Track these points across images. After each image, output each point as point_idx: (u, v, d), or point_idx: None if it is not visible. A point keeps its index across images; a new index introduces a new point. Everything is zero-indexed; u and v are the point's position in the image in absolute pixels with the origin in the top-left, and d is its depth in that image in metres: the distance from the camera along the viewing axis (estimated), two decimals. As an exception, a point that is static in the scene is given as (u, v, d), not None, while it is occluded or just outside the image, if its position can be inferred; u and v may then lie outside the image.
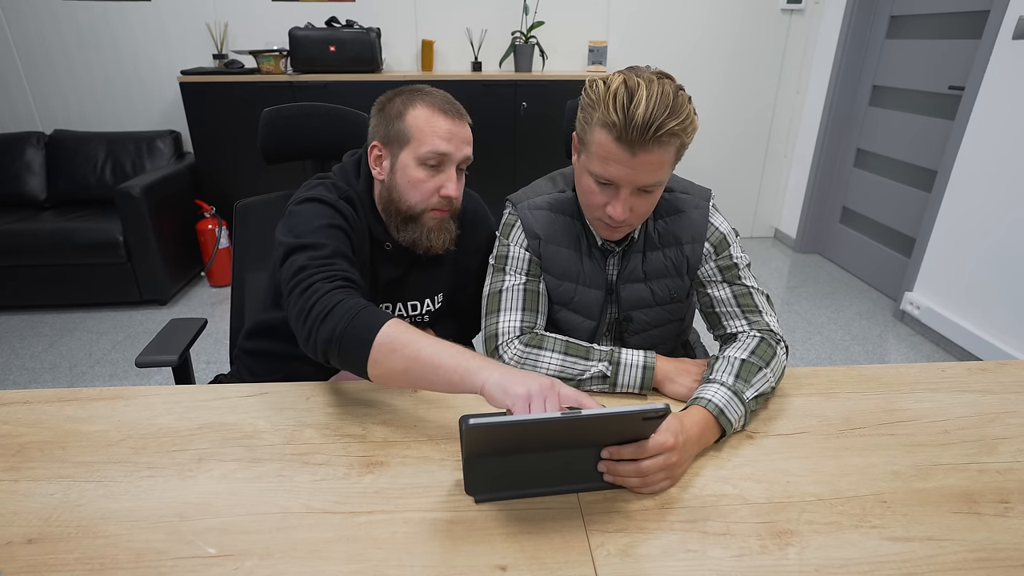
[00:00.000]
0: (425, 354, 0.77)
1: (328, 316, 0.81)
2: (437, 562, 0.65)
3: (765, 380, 0.91)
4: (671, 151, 0.87)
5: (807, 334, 2.73)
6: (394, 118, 1.01)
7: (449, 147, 0.99)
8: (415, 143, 0.99)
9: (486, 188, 3.80)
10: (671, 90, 0.84)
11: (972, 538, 0.69)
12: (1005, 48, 2.29)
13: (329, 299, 0.83)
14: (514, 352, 0.99)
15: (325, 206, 0.99)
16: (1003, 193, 2.31)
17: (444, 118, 0.99)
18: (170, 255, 2.91)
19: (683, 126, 0.85)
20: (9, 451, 0.82)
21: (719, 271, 1.06)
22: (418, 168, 1.00)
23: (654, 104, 0.82)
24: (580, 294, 1.09)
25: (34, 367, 2.40)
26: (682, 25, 3.42)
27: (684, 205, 1.07)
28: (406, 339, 0.78)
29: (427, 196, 1.01)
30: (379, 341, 0.78)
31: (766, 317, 1.02)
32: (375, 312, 0.82)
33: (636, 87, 0.84)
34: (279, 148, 1.27)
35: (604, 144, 0.87)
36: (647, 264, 1.07)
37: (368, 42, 3.00)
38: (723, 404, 0.85)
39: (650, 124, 0.82)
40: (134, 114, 3.33)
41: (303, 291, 0.85)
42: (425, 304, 1.17)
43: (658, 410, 0.66)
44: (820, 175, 3.52)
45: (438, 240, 1.05)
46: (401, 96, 1.02)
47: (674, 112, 0.83)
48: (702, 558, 0.66)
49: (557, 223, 1.08)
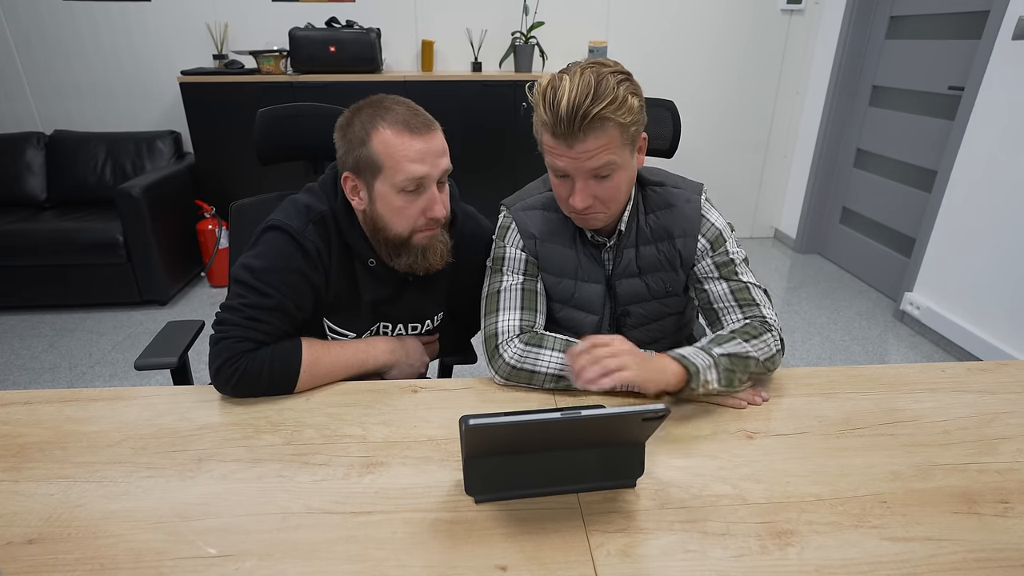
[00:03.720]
0: (338, 370, 1.01)
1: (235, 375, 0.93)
2: (437, 562, 0.65)
3: (738, 345, 0.94)
4: (609, 134, 0.89)
5: (807, 334, 2.73)
6: (358, 145, 0.94)
7: (424, 168, 0.94)
8: (388, 171, 0.93)
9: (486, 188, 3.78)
10: (593, 77, 0.87)
11: (972, 538, 0.69)
12: (1005, 48, 2.29)
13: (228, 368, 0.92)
14: (514, 351, 0.99)
15: (289, 240, 0.98)
16: (1003, 193, 2.31)
17: (411, 137, 0.93)
18: (170, 255, 2.91)
19: (610, 108, 0.86)
20: (9, 451, 0.82)
21: (715, 267, 1.07)
22: (398, 196, 0.95)
23: (575, 94, 0.86)
24: (580, 289, 1.09)
25: (34, 367, 2.40)
26: (682, 25, 3.42)
27: (675, 199, 1.07)
28: (314, 371, 0.98)
29: (413, 220, 0.98)
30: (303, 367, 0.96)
31: (763, 309, 1.02)
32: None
33: (560, 81, 0.88)
34: (274, 149, 1.27)
35: (547, 141, 0.92)
36: (640, 259, 1.08)
37: (368, 42, 3.00)
38: (686, 352, 0.91)
39: (574, 114, 0.86)
40: (134, 114, 3.33)
41: (216, 341, 0.93)
42: (425, 324, 1.17)
43: (658, 410, 0.66)
44: (820, 175, 3.52)
45: (434, 257, 1.03)
46: (360, 116, 0.95)
47: (597, 97, 0.86)
48: (702, 558, 0.66)
49: (551, 221, 1.08)
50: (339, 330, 1.10)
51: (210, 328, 0.96)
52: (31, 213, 2.96)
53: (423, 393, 0.98)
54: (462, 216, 1.13)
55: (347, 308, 1.08)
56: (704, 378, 0.89)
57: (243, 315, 0.94)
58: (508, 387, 1.00)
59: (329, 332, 1.10)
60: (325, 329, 1.09)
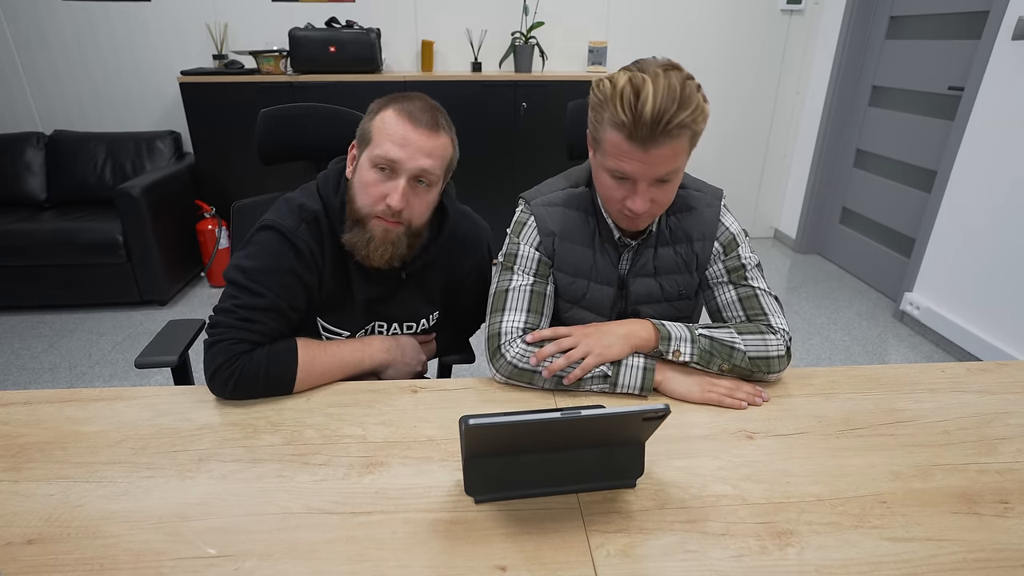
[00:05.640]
0: (334, 370, 1.01)
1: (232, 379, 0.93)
2: (437, 562, 0.65)
3: (728, 334, 0.97)
4: (683, 141, 0.88)
5: (807, 334, 2.73)
6: (369, 118, 1.00)
7: (400, 154, 0.94)
8: (373, 144, 0.97)
9: (486, 188, 3.76)
10: (678, 82, 0.84)
11: (972, 538, 0.69)
12: (1005, 48, 2.29)
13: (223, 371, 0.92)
14: (516, 351, 0.99)
15: (282, 240, 0.99)
16: (1003, 193, 2.31)
17: (407, 124, 0.95)
18: (170, 255, 2.91)
19: (693, 116, 0.85)
20: (9, 451, 0.82)
21: (726, 272, 1.06)
22: (371, 170, 0.97)
23: (661, 99, 0.82)
24: (592, 291, 1.09)
25: (34, 367, 2.40)
26: (682, 25, 3.42)
27: (696, 202, 1.07)
28: (311, 372, 0.98)
29: (373, 201, 0.97)
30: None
31: (771, 318, 1.02)
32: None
33: (642, 84, 0.83)
34: (276, 149, 1.27)
35: (616, 143, 0.88)
36: (658, 259, 1.07)
37: (368, 42, 3.00)
38: (666, 322, 0.98)
39: (659, 119, 0.83)
40: (134, 114, 3.33)
41: (210, 345, 0.93)
42: (420, 323, 1.17)
43: (658, 410, 0.66)
44: (820, 175, 3.52)
45: (376, 251, 1.00)
46: (388, 99, 1.00)
47: (683, 104, 0.83)
48: (702, 558, 0.66)
49: (571, 219, 1.07)
50: (333, 329, 1.10)
51: (204, 332, 0.96)
52: (31, 213, 2.96)
53: (423, 393, 0.98)
54: (455, 215, 1.12)
55: (341, 307, 1.08)
56: (675, 347, 0.95)
57: (237, 316, 0.94)
58: (508, 387, 1.00)
59: (323, 331, 1.10)
60: (319, 328, 1.09)
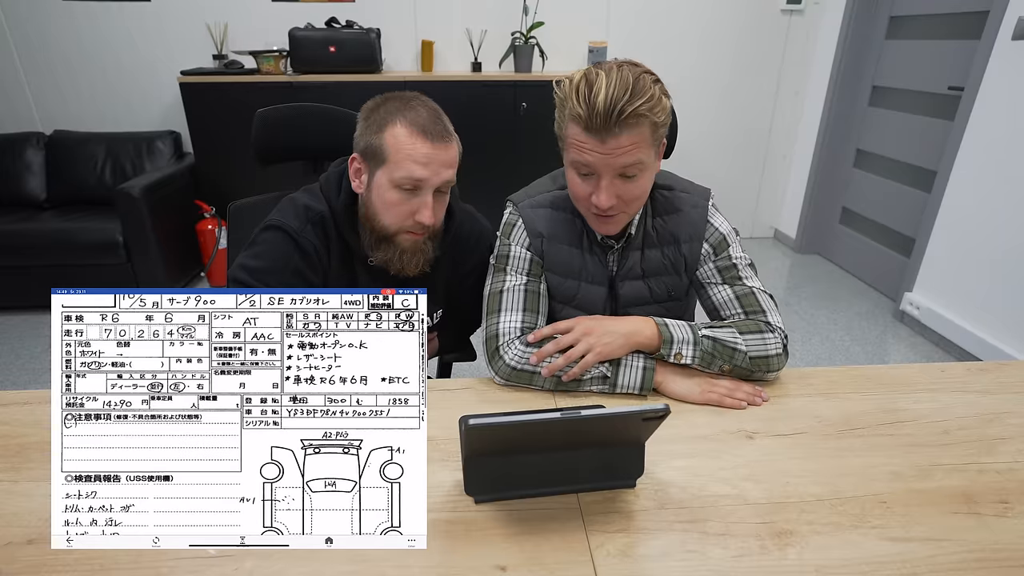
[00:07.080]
0: None
1: None
2: (437, 562, 0.65)
3: (730, 334, 0.97)
4: (642, 132, 0.89)
5: (807, 334, 2.73)
6: (374, 131, 0.97)
7: (426, 172, 0.94)
8: (391, 165, 0.95)
9: (486, 188, 3.77)
10: (630, 74, 0.87)
11: (972, 538, 0.69)
12: (1005, 48, 2.29)
13: None
14: (515, 352, 0.99)
15: (288, 240, 0.99)
16: (1003, 193, 2.31)
17: (423, 140, 0.94)
18: (170, 255, 2.91)
19: (647, 106, 0.87)
20: (9, 451, 0.82)
21: (718, 272, 1.06)
22: (392, 190, 0.96)
23: (613, 89, 0.86)
24: (583, 291, 1.09)
25: (34, 367, 2.40)
26: (682, 26, 3.42)
27: (682, 204, 1.07)
28: None
29: (401, 219, 0.98)
30: None
31: (769, 315, 1.02)
32: None
33: (595, 77, 0.88)
34: (273, 149, 1.27)
35: (576, 135, 0.91)
36: (645, 262, 1.07)
37: (368, 42, 3.00)
38: (669, 322, 0.98)
39: (612, 109, 0.85)
40: (134, 114, 3.33)
41: None
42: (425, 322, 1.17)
43: (658, 410, 0.66)
44: (820, 175, 3.51)
45: (411, 262, 1.02)
46: (387, 106, 0.98)
47: (635, 94, 0.86)
48: (702, 558, 0.66)
49: (558, 220, 1.08)
50: None
51: None
52: (31, 213, 2.96)
53: (423, 393, 0.98)
54: (460, 215, 1.12)
55: None
56: (677, 350, 0.95)
57: None
58: (508, 387, 1.00)
59: None
60: None
